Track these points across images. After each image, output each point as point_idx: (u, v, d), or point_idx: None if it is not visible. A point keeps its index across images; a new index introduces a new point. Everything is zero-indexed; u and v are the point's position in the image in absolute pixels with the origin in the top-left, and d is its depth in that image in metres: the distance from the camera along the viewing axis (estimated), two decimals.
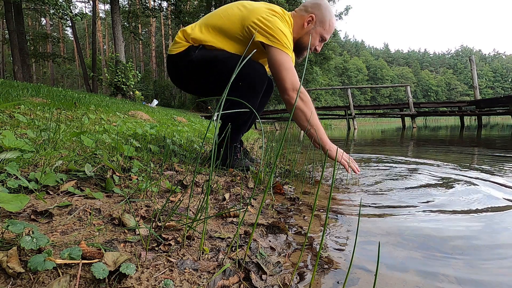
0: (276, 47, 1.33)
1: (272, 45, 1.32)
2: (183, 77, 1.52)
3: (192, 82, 1.52)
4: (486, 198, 1.11)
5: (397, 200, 1.11)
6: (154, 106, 12.51)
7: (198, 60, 1.41)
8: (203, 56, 1.41)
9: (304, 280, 0.56)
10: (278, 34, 1.32)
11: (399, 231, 0.81)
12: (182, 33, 1.46)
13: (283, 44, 1.33)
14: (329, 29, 1.50)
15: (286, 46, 1.34)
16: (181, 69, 1.48)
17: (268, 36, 1.32)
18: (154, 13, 18.73)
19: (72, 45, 42.32)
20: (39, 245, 0.47)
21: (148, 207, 0.80)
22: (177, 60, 1.46)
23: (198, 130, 3.65)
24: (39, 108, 2.31)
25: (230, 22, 1.38)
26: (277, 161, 1.72)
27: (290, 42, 1.38)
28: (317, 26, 1.47)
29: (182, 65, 1.46)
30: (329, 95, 50.56)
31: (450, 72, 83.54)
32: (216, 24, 1.41)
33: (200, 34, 1.42)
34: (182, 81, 1.56)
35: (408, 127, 10.24)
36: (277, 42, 1.32)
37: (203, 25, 1.44)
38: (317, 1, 1.49)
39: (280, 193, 1.21)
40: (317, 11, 1.46)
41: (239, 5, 1.42)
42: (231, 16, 1.39)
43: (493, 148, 2.88)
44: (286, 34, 1.34)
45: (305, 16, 1.47)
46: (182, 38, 1.45)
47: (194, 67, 1.43)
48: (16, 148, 0.94)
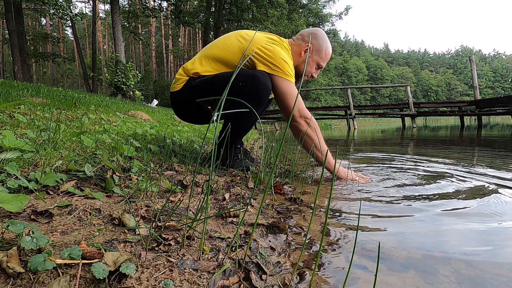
0: (279, 76, 1.34)
1: (275, 74, 1.34)
2: (187, 106, 1.52)
3: (195, 107, 1.51)
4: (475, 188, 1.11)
5: (397, 200, 1.11)
6: (154, 106, 12.51)
7: (199, 84, 1.42)
8: (203, 80, 1.42)
9: (304, 280, 0.56)
10: (280, 63, 1.33)
11: (399, 231, 0.81)
12: (182, 69, 1.48)
13: (285, 72, 1.35)
14: (325, 57, 1.54)
15: (288, 74, 1.36)
16: (184, 100, 1.49)
17: (270, 65, 1.34)
18: (154, 13, 18.73)
19: (72, 45, 42.33)
20: (39, 245, 0.47)
21: (148, 207, 0.80)
22: (180, 95, 1.48)
23: (198, 130, 3.66)
24: (39, 108, 2.31)
25: (230, 52, 1.40)
26: (277, 161, 1.72)
27: (292, 69, 1.40)
28: (314, 55, 1.51)
29: (185, 96, 1.47)
30: (329, 95, 50.57)
31: (450, 72, 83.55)
32: (216, 55, 1.42)
33: (201, 67, 1.43)
34: (187, 112, 1.56)
35: (408, 127, 10.24)
36: (279, 71, 1.34)
37: (203, 57, 1.45)
38: (314, 31, 1.52)
39: (280, 193, 1.21)
40: (314, 41, 1.50)
41: (237, 36, 1.43)
42: (230, 47, 1.40)
43: (493, 148, 2.88)
44: (288, 62, 1.36)
45: (302, 45, 1.50)
46: (183, 74, 1.47)
47: (196, 91, 1.43)
48: (16, 148, 0.94)
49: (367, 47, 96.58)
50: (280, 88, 1.36)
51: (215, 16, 19.97)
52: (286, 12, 18.70)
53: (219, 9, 19.83)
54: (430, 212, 0.97)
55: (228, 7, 19.64)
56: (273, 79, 1.35)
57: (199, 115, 1.59)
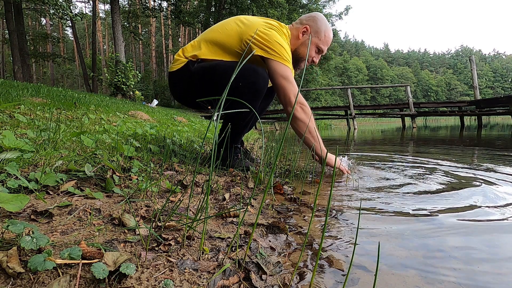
0: (276, 60, 1.34)
1: (271, 58, 1.34)
2: (184, 90, 1.53)
3: (193, 94, 1.52)
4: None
5: (397, 199, 1.11)
6: (154, 106, 12.50)
7: (198, 71, 1.42)
8: (202, 67, 1.42)
9: (304, 280, 0.56)
10: (276, 47, 1.33)
11: (399, 231, 0.81)
12: (182, 51, 1.49)
13: (282, 57, 1.35)
14: (325, 40, 1.52)
15: (285, 59, 1.36)
16: (181, 83, 1.49)
17: (266, 49, 1.34)
18: (154, 13, 18.73)
19: (72, 45, 42.31)
20: (39, 245, 0.47)
21: (148, 207, 0.80)
22: (178, 76, 1.48)
23: (198, 130, 3.65)
24: (39, 108, 2.31)
25: (228, 36, 1.40)
26: (277, 161, 1.72)
27: (289, 54, 1.39)
28: (312, 36, 1.50)
29: (183, 79, 1.47)
30: (329, 95, 50.56)
31: (450, 72, 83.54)
32: (215, 38, 1.43)
33: (199, 50, 1.44)
34: (184, 95, 1.57)
35: (408, 127, 10.24)
36: (276, 55, 1.34)
37: (202, 41, 1.46)
38: (312, 14, 1.53)
39: (280, 193, 1.21)
40: (311, 23, 1.50)
41: (236, 20, 1.44)
42: (229, 31, 1.41)
43: (493, 147, 2.88)
44: (284, 47, 1.36)
45: (300, 28, 1.51)
46: (182, 56, 1.47)
47: (194, 78, 1.44)
48: (16, 148, 0.94)
49: (367, 47, 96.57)
50: (276, 71, 1.35)
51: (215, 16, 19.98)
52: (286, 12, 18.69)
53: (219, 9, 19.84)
54: (430, 212, 0.97)
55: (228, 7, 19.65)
56: (270, 63, 1.35)
57: (193, 100, 1.60)
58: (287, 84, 1.36)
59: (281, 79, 1.36)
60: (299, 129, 1.44)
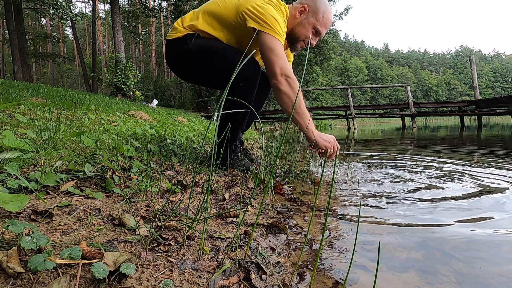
0: (267, 33, 1.33)
1: (264, 30, 1.33)
2: (178, 62, 1.56)
3: (186, 69, 1.56)
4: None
5: (397, 199, 1.11)
6: (154, 106, 12.50)
7: (194, 49, 1.44)
8: (199, 45, 1.44)
9: (304, 280, 0.56)
10: (270, 20, 1.32)
11: (399, 231, 0.81)
12: (181, 20, 1.51)
13: (275, 30, 1.33)
14: (323, 21, 1.48)
15: (277, 32, 1.34)
16: (177, 55, 1.52)
17: (260, 22, 1.32)
18: (154, 13, 18.72)
19: (72, 45, 42.32)
20: (39, 245, 0.47)
21: (148, 207, 0.80)
22: (174, 46, 1.50)
23: (198, 130, 3.65)
24: (39, 108, 2.31)
25: (226, 9, 1.41)
26: (277, 161, 1.72)
27: (283, 30, 1.37)
28: (310, 16, 1.47)
29: (179, 51, 1.49)
30: (329, 95, 50.55)
31: (450, 72, 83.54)
32: (213, 10, 1.44)
33: (196, 21, 1.46)
34: (178, 67, 1.59)
35: (408, 127, 10.24)
36: (268, 28, 1.32)
37: (201, 12, 1.47)
38: None
39: (280, 193, 1.21)
40: (310, 2, 1.47)
41: None
42: (227, 3, 1.42)
43: (492, 147, 2.88)
44: (279, 21, 1.34)
45: (298, 7, 1.49)
46: (180, 25, 1.49)
47: (189, 54, 1.46)
48: (16, 148, 0.94)
49: (367, 47, 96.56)
50: (265, 44, 1.34)
51: None
52: None
53: None
54: (430, 211, 0.97)
55: None
56: (261, 36, 1.34)
57: (182, 72, 1.62)
58: (273, 56, 1.33)
59: (268, 51, 1.33)
60: (284, 104, 1.38)
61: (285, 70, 1.34)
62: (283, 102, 1.38)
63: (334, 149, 1.36)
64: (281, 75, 1.34)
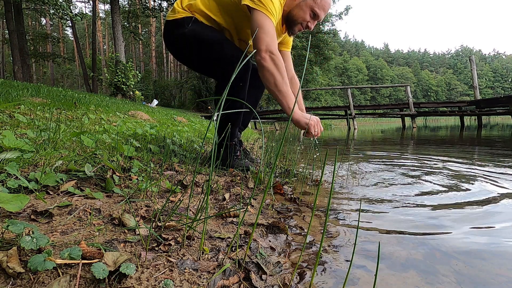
0: (259, 10, 1.32)
1: (255, 7, 1.32)
2: (176, 46, 1.58)
3: (180, 52, 1.59)
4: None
5: (397, 199, 1.11)
6: (154, 106, 12.50)
7: (190, 36, 1.46)
8: (195, 33, 1.46)
9: (304, 280, 0.56)
10: None
11: (399, 231, 0.81)
12: (180, 0, 1.53)
13: (267, 8, 1.32)
14: (321, 4, 1.47)
15: (269, 11, 1.33)
16: (176, 38, 1.54)
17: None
18: (154, 13, 18.71)
19: (72, 45, 42.31)
20: (39, 245, 0.47)
21: (148, 207, 0.80)
22: (173, 28, 1.52)
23: (198, 130, 3.65)
24: (39, 108, 2.31)
25: None
26: (277, 161, 1.72)
27: (276, 10, 1.37)
28: None
29: (177, 34, 1.51)
30: (329, 95, 50.55)
31: (450, 72, 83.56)
32: None
33: (194, 1, 1.47)
34: (173, 48, 1.62)
35: (408, 127, 10.24)
36: (261, 5, 1.32)
37: None
38: None
39: (280, 193, 1.21)
40: None
41: None
42: None
43: (492, 147, 2.88)
44: (273, 0, 1.34)
45: None
46: (179, 5, 1.51)
47: (185, 40, 1.48)
48: (16, 148, 0.94)
49: (367, 47, 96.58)
50: (255, 21, 1.33)
51: None
52: None
53: None
54: (430, 211, 0.97)
55: None
56: (253, 13, 1.34)
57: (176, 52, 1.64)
58: (261, 33, 1.32)
59: (257, 28, 1.32)
60: (266, 82, 1.36)
61: (270, 47, 1.33)
62: (265, 79, 1.35)
63: (316, 129, 1.36)
64: (265, 51, 1.33)
